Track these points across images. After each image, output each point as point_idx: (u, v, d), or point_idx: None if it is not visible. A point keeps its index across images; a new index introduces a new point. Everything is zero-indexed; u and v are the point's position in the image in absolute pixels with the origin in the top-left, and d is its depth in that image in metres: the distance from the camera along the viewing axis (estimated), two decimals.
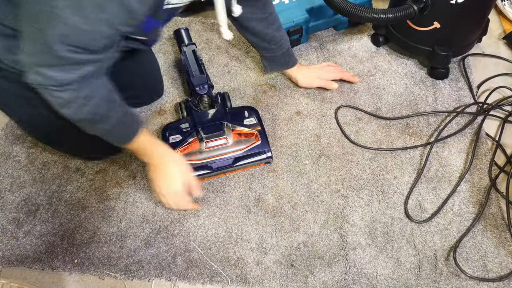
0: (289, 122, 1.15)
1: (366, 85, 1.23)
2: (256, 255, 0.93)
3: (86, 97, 0.72)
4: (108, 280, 0.90)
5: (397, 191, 1.02)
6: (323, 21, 1.33)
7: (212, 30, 1.38)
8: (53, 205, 1.00)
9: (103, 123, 0.79)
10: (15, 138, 1.12)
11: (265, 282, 0.89)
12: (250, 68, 1.28)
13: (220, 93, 1.13)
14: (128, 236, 0.95)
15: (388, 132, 1.12)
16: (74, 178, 1.05)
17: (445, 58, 1.18)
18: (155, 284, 0.90)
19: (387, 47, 1.33)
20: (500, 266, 0.90)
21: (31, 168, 1.07)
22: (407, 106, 1.18)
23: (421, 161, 1.07)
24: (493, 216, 0.97)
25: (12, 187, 1.04)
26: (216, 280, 0.89)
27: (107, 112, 0.78)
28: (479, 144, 1.09)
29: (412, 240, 0.94)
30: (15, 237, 0.96)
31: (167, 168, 0.89)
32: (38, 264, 0.92)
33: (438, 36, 1.16)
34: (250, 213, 0.99)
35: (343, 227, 0.96)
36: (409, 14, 1.07)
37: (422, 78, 1.25)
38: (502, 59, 1.30)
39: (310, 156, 1.08)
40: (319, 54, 1.31)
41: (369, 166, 1.06)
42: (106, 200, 1.01)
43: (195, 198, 0.98)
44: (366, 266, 0.91)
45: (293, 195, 1.02)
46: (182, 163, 0.91)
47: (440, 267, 0.91)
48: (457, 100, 1.19)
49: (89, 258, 0.92)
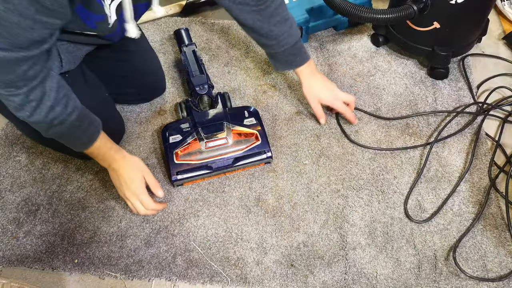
0: (289, 122, 1.15)
1: (366, 85, 1.23)
2: (256, 255, 0.93)
3: (38, 100, 0.72)
4: (108, 280, 0.90)
5: (397, 191, 1.02)
6: (323, 21, 1.33)
7: (212, 30, 1.38)
8: (53, 205, 1.00)
9: (59, 126, 0.78)
10: (15, 138, 1.12)
11: (265, 282, 0.89)
12: (250, 68, 1.28)
13: (220, 93, 1.13)
14: (128, 236, 0.96)
15: (388, 132, 1.13)
16: (74, 178, 1.05)
17: (444, 58, 1.18)
18: (155, 284, 0.90)
19: (387, 47, 1.33)
20: (499, 266, 0.90)
21: (31, 168, 1.07)
22: (407, 106, 1.18)
23: (421, 161, 1.07)
24: (493, 216, 0.97)
25: (13, 187, 1.04)
26: (216, 280, 0.89)
27: (62, 115, 0.77)
28: (479, 144, 1.09)
29: (412, 240, 0.95)
30: (16, 237, 0.96)
31: (125, 171, 0.90)
32: (39, 264, 0.92)
33: (438, 36, 1.16)
34: (250, 213, 0.99)
35: (343, 227, 0.97)
36: (409, 14, 1.08)
37: (422, 78, 1.25)
38: (502, 59, 1.30)
39: (310, 156, 1.08)
40: (319, 54, 1.31)
41: (369, 166, 1.06)
42: (106, 200, 1.01)
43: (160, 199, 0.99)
44: (366, 266, 0.91)
45: (293, 195, 1.02)
46: (139, 164, 0.92)
47: (440, 267, 0.91)
48: (457, 100, 1.19)
49: (89, 258, 0.93)
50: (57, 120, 0.77)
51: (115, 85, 1.10)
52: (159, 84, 1.20)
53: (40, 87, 0.72)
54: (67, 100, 0.78)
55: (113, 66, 1.08)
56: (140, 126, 1.15)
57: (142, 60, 1.12)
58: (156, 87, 1.19)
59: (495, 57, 1.31)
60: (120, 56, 1.07)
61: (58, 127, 0.79)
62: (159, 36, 1.37)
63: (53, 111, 0.75)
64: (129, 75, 1.10)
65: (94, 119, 0.86)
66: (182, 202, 1.01)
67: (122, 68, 1.09)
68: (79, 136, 0.84)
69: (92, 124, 0.85)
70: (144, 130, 1.14)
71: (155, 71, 1.17)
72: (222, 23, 1.41)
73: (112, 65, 1.08)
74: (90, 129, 0.85)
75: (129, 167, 0.90)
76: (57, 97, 0.75)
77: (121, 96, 1.15)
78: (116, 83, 1.10)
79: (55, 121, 0.77)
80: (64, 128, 0.80)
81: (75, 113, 0.80)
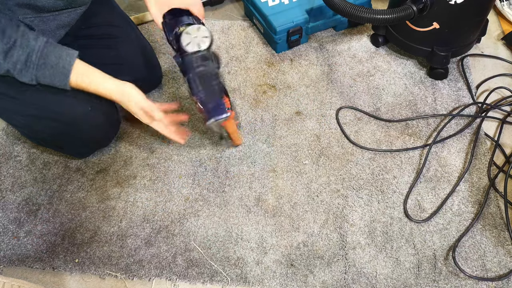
0: (289, 122, 1.15)
1: (365, 85, 1.23)
2: (256, 254, 0.93)
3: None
4: (108, 279, 0.91)
5: (396, 191, 1.02)
6: (323, 21, 1.33)
7: (212, 30, 1.39)
8: (54, 205, 1.01)
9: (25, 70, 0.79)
10: (16, 138, 1.13)
11: (265, 281, 0.90)
12: (250, 68, 1.28)
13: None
14: (128, 236, 0.96)
15: (388, 132, 1.13)
16: (75, 178, 1.05)
17: (444, 58, 1.18)
18: (156, 284, 0.90)
19: (386, 48, 1.34)
20: (499, 265, 0.91)
21: (32, 168, 1.07)
22: (406, 106, 1.18)
23: (421, 161, 1.07)
24: (492, 215, 0.98)
25: (13, 187, 1.04)
26: (216, 279, 0.90)
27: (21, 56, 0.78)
28: (478, 144, 1.09)
29: (412, 239, 0.95)
30: (16, 236, 0.96)
31: (124, 95, 0.91)
32: (39, 263, 0.92)
33: (437, 37, 1.16)
34: (250, 213, 0.99)
35: (342, 227, 0.97)
36: (408, 14, 1.08)
37: (422, 78, 1.25)
38: (501, 59, 1.30)
39: (310, 156, 1.09)
40: (319, 55, 1.32)
41: (369, 166, 1.07)
42: (106, 200, 1.02)
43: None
44: (365, 266, 0.91)
45: (293, 195, 1.02)
46: (133, 89, 0.92)
47: (439, 267, 0.91)
48: (456, 100, 1.19)
49: (90, 257, 0.93)
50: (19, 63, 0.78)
51: (110, 74, 1.09)
52: (154, 71, 1.20)
53: None
54: (20, 41, 0.78)
55: (105, 55, 1.09)
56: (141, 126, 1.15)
57: (134, 47, 1.13)
58: (152, 75, 1.20)
59: (494, 57, 1.31)
60: (110, 44, 1.08)
61: (26, 72, 0.79)
62: (160, 36, 1.38)
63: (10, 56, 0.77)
64: (123, 62, 1.10)
65: (61, 54, 0.84)
66: (182, 202, 1.01)
67: (115, 56, 1.10)
68: (55, 61, 0.83)
69: (60, 57, 0.83)
70: (145, 130, 1.14)
71: (147, 57, 1.17)
72: (223, 23, 1.41)
73: (104, 54, 1.08)
74: (62, 53, 0.83)
75: (126, 93, 0.91)
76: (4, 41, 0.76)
77: None
78: (112, 73, 1.09)
79: (18, 65, 0.78)
80: (33, 71, 0.80)
81: (40, 39, 0.80)
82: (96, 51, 1.07)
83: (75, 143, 1.03)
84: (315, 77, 1.25)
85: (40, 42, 0.81)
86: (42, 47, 0.81)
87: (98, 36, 1.07)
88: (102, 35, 1.08)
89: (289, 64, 1.29)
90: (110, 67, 1.10)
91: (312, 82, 1.24)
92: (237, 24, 1.40)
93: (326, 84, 1.24)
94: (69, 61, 0.84)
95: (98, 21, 1.07)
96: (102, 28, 1.08)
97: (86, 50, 1.04)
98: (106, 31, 1.08)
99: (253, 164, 1.07)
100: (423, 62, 1.29)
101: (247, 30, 1.38)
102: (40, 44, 0.81)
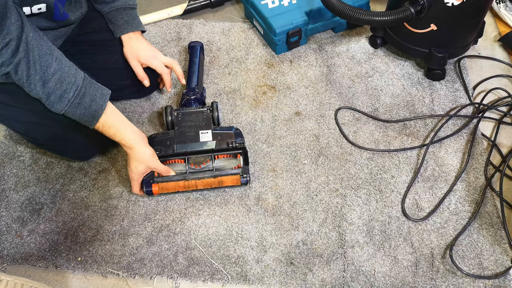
0: (289, 123, 1.17)
1: (364, 86, 1.25)
2: (256, 253, 0.94)
3: (23, 57, 0.76)
4: (111, 277, 0.92)
5: (394, 190, 1.04)
6: (322, 23, 1.35)
7: (213, 32, 1.40)
8: (56, 204, 1.02)
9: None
10: (19, 138, 1.14)
11: (265, 279, 0.91)
12: (250, 69, 1.29)
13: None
14: (130, 235, 0.97)
15: (386, 133, 1.14)
16: (78, 178, 1.06)
17: (441, 59, 1.20)
18: (157, 282, 0.91)
19: (384, 49, 1.35)
20: (495, 263, 0.92)
21: (35, 167, 1.08)
22: (404, 107, 1.20)
23: (418, 160, 1.09)
24: (489, 214, 0.99)
25: (17, 186, 1.05)
26: (217, 277, 0.91)
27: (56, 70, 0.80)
28: (475, 144, 1.11)
29: (409, 238, 0.96)
30: (20, 235, 0.97)
31: (132, 160, 0.94)
32: (42, 262, 0.93)
33: (434, 38, 1.18)
34: (250, 212, 1.00)
35: (341, 226, 0.98)
36: (406, 16, 1.09)
37: (419, 79, 1.27)
38: (498, 60, 1.32)
39: (309, 156, 1.10)
40: (318, 56, 1.33)
41: (367, 166, 1.08)
42: (109, 199, 1.03)
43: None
44: (364, 264, 0.93)
45: (293, 194, 1.03)
46: (145, 158, 0.94)
47: (436, 265, 0.92)
48: (453, 101, 1.21)
49: (92, 256, 0.94)
50: (52, 75, 0.80)
51: (110, 78, 1.09)
52: (154, 74, 1.19)
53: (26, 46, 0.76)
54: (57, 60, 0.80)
55: (107, 60, 1.09)
56: (142, 126, 1.16)
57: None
58: (152, 77, 1.19)
59: (491, 58, 1.33)
60: (111, 49, 1.09)
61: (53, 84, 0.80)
62: (160, 37, 1.39)
63: (45, 64, 0.79)
64: (124, 66, 1.10)
65: (100, 86, 0.87)
66: (183, 201, 1.02)
67: (116, 61, 1.10)
68: (89, 100, 0.85)
69: (98, 90, 0.87)
70: (146, 131, 1.15)
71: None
72: (223, 25, 1.42)
73: (106, 59, 1.09)
74: (97, 93, 0.86)
75: (135, 159, 0.94)
76: (42, 49, 0.78)
77: (117, 92, 1.14)
78: (111, 76, 1.09)
79: (50, 77, 0.80)
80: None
81: (73, 70, 0.82)
82: (97, 56, 1.08)
83: (75, 148, 1.03)
84: (314, 78, 1.27)
85: (79, 80, 0.83)
86: (80, 86, 0.83)
87: (99, 42, 1.07)
88: (102, 40, 1.08)
89: (288, 65, 1.30)
90: (111, 72, 1.11)
91: (311, 83, 1.26)
92: (237, 26, 1.42)
93: (325, 85, 1.25)
94: (101, 104, 0.87)
95: (96, 26, 1.08)
96: (102, 33, 1.08)
97: (87, 56, 1.06)
98: (106, 36, 1.08)
99: (253, 164, 1.08)
100: (420, 63, 1.31)
101: (247, 32, 1.40)
102: (79, 82, 0.83)
